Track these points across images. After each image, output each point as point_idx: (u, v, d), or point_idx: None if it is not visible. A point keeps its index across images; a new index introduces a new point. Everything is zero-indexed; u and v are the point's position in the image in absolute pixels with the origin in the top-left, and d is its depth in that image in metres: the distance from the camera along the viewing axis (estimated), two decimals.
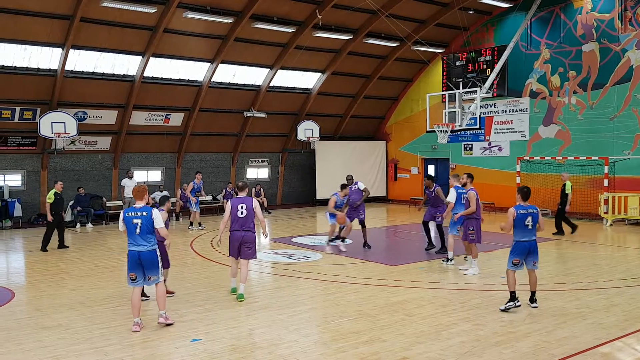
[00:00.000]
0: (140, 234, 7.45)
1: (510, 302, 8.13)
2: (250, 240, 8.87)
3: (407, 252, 13.50)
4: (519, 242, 8.19)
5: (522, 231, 8.15)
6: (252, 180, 24.71)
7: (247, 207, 8.81)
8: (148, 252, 7.46)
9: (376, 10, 19.71)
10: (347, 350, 6.58)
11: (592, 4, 19.34)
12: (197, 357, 6.43)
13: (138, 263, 7.46)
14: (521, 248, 8.17)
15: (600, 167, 18.60)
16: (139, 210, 7.56)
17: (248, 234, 8.85)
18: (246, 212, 8.80)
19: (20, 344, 6.92)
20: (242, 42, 20.28)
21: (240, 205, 8.83)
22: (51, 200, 13.76)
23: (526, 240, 8.16)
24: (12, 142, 19.04)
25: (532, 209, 8.24)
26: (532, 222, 8.17)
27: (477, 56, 21.92)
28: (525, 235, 8.15)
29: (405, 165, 26.29)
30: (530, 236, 8.19)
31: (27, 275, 11.43)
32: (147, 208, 7.61)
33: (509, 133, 22.10)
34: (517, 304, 8.12)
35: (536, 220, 8.20)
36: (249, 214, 8.82)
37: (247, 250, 8.89)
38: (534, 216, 8.18)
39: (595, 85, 19.40)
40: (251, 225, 8.88)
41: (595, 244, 14.50)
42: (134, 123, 20.73)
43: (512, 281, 8.18)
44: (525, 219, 8.13)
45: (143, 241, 7.46)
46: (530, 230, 8.17)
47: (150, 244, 7.50)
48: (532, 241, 8.20)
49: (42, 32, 17.00)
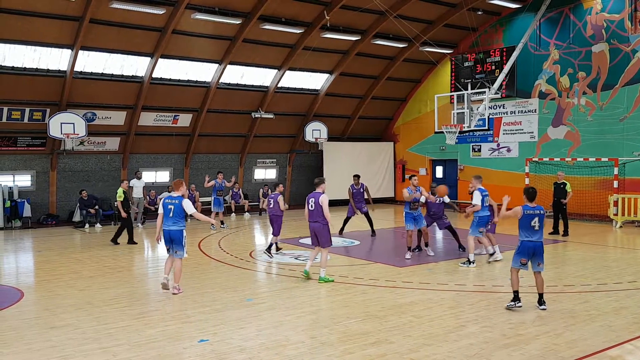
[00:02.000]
0: (173, 217, 9.27)
1: (512, 302, 8.19)
2: (319, 230, 9.98)
3: (415, 254, 13.42)
4: (524, 241, 8.18)
5: (529, 231, 8.13)
6: (260, 181, 24.75)
7: (315, 202, 9.95)
8: (176, 231, 9.27)
9: (384, 11, 19.67)
10: (355, 351, 6.56)
11: (602, 4, 19.22)
12: (204, 357, 6.43)
13: (168, 239, 9.33)
14: (526, 248, 8.16)
15: (610, 168, 18.47)
16: (174, 198, 9.39)
17: (316, 225, 10.00)
18: (315, 206, 9.94)
19: (28, 343, 6.95)
20: (250, 43, 20.31)
21: (311, 199, 10.02)
22: (121, 198, 15.09)
23: (532, 241, 8.13)
24: (22, 142, 19.17)
25: (539, 209, 8.21)
26: (539, 223, 8.14)
27: (485, 57, 21.84)
28: (531, 236, 8.13)
29: (413, 167, 26.22)
30: (537, 237, 8.15)
31: (36, 276, 11.49)
32: (180, 197, 9.40)
33: (517, 134, 22.00)
34: (518, 304, 8.15)
35: (542, 221, 8.18)
36: (317, 208, 9.92)
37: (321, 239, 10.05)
38: (540, 217, 8.16)
39: (605, 86, 19.27)
40: (319, 218, 9.93)
41: (605, 246, 14.40)
42: (143, 124, 20.82)
43: (515, 280, 8.22)
44: (532, 219, 8.11)
45: (173, 223, 9.26)
46: (536, 231, 8.14)
47: (178, 225, 9.28)
48: (538, 242, 8.16)
49: (52, 34, 17.11)
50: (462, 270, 11.19)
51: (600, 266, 11.68)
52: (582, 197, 19.19)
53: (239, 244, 15.29)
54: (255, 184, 24.80)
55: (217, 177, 18.80)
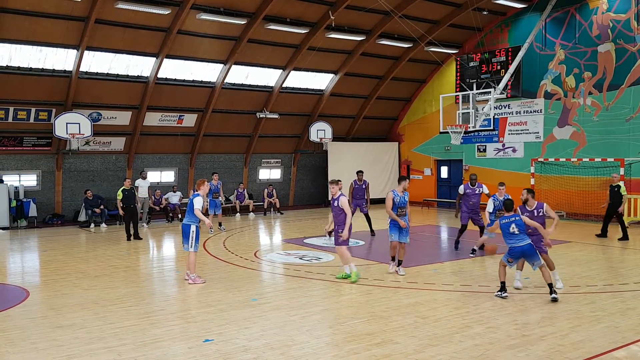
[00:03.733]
0: (187, 212, 10.40)
1: (499, 292, 8.90)
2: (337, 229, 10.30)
3: (420, 253, 13.42)
4: (512, 247, 8.85)
5: (510, 237, 8.81)
6: (265, 181, 24.77)
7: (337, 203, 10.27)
8: (184, 224, 10.38)
9: (389, 11, 19.65)
10: (360, 352, 6.55)
11: (608, 4, 19.14)
12: (209, 357, 6.43)
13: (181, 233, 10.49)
14: (515, 252, 8.81)
15: (616, 168, 18.35)
16: (192, 196, 10.35)
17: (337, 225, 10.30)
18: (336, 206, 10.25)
19: (34, 343, 6.97)
20: (255, 43, 20.33)
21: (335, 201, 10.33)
22: (120, 197, 15.92)
23: (518, 245, 8.73)
24: (28, 142, 19.24)
25: (514, 216, 8.91)
26: (518, 227, 8.77)
27: (491, 57, 21.79)
28: (516, 241, 8.75)
29: (418, 167, 26.18)
30: (522, 240, 8.75)
31: (42, 275, 11.52)
32: (194, 195, 10.32)
33: (523, 134, 21.94)
34: (504, 294, 8.81)
35: (521, 225, 8.79)
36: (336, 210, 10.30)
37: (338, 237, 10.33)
38: (516, 222, 8.82)
39: (611, 86, 19.19)
40: (339, 219, 10.26)
41: (611, 247, 14.33)
42: (148, 124, 20.87)
43: (502, 272, 8.93)
44: (508, 227, 8.82)
45: (186, 217, 10.37)
46: (518, 234, 8.76)
47: (187, 219, 10.32)
48: (525, 245, 8.73)
49: (58, 34, 17.17)
50: (467, 271, 11.17)
51: (606, 267, 11.63)
52: (588, 197, 19.12)
53: (244, 243, 15.30)
54: (260, 184, 24.81)
55: (212, 178, 18.23)
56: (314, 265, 11.97)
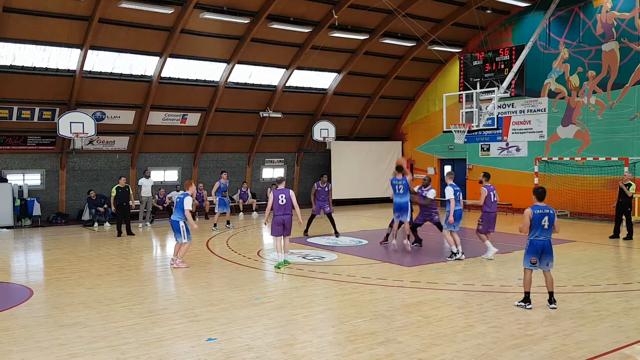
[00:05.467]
0: (175, 209, 11.48)
1: (522, 302, 8.29)
2: (289, 221, 11.49)
3: (423, 253, 13.41)
4: (533, 240, 8.24)
5: (538, 230, 8.22)
6: (268, 181, 24.76)
7: (286, 197, 11.42)
8: (173, 221, 11.45)
9: (393, 10, 19.63)
10: (363, 351, 6.55)
11: (612, 2, 19.06)
12: (212, 356, 6.44)
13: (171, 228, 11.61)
14: (535, 246, 8.24)
15: (620, 168, 18.30)
16: (181, 195, 11.42)
17: (288, 217, 11.46)
18: (286, 200, 11.39)
19: (37, 341, 6.99)
20: (258, 42, 20.33)
21: (280, 195, 11.38)
22: (113, 194, 16.50)
23: (540, 239, 8.20)
24: (32, 141, 19.29)
25: (548, 209, 8.27)
26: (549, 222, 8.21)
27: (494, 56, 21.74)
28: (540, 234, 8.20)
29: (421, 166, 26.13)
30: (546, 235, 8.23)
31: (45, 274, 11.54)
32: (184, 195, 11.37)
33: (527, 133, 21.89)
34: (528, 306, 8.21)
35: (552, 220, 8.24)
36: (288, 202, 11.41)
37: (290, 228, 11.56)
38: (550, 216, 8.21)
39: (615, 85, 19.12)
40: (289, 211, 11.45)
41: (615, 246, 14.28)
42: (151, 123, 20.89)
43: (529, 281, 8.31)
44: (541, 219, 8.18)
45: (174, 214, 11.46)
46: (546, 230, 8.21)
47: (176, 216, 11.40)
48: (547, 240, 8.24)
49: (61, 33, 17.19)
50: (470, 270, 11.15)
51: (609, 266, 11.60)
52: (592, 196, 19.06)
53: (247, 242, 15.31)
54: (263, 183, 24.82)
55: (221, 177, 18.38)
56: (316, 264, 11.97)
